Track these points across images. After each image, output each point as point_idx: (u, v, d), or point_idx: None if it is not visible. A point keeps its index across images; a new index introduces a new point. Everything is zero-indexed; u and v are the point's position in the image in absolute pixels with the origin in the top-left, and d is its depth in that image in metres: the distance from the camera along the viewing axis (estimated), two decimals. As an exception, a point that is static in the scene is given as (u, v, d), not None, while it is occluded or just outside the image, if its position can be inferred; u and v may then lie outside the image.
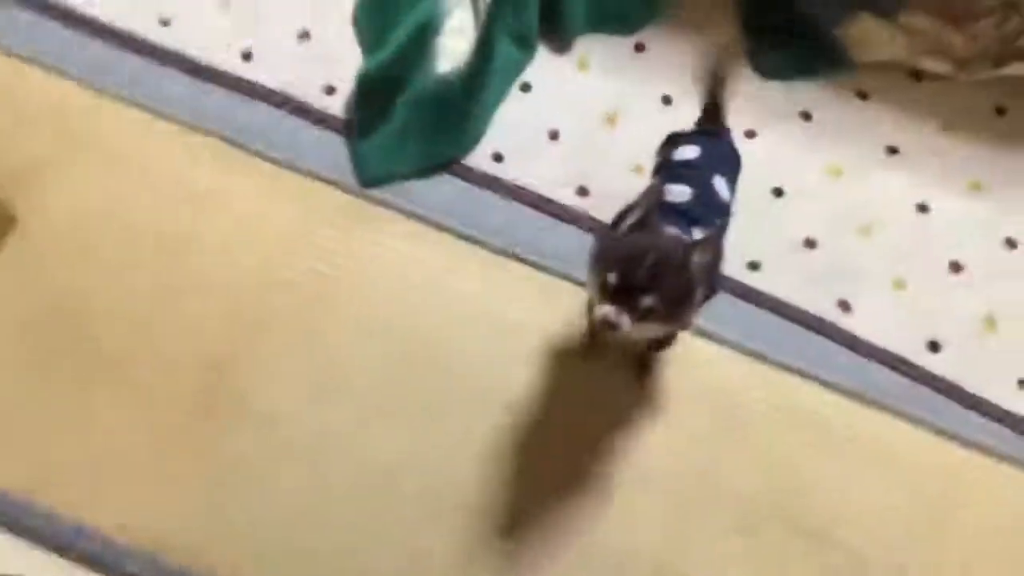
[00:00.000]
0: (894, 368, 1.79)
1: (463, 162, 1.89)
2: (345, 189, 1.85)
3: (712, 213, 1.49)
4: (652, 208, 1.37)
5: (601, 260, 1.37)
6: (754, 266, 1.84)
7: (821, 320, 1.81)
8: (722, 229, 1.49)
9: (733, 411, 1.75)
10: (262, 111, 1.89)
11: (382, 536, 1.62)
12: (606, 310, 1.31)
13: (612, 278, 1.32)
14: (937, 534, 1.69)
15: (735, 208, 1.59)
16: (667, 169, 1.57)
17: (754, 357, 1.78)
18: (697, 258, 1.33)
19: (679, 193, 1.49)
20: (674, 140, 1.62)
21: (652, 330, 1.44)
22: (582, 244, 1.71)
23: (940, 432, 1.75)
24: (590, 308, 1.54)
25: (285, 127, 1.88)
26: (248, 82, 1.91)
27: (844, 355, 1.79)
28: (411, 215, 1.84)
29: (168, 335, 1.73)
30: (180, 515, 1.62)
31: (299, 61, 1.94)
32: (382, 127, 1.86)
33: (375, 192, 1.85)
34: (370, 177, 1.84)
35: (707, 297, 1.48)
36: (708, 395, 1.76)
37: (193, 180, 1.82)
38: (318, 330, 1.75)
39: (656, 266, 1.31)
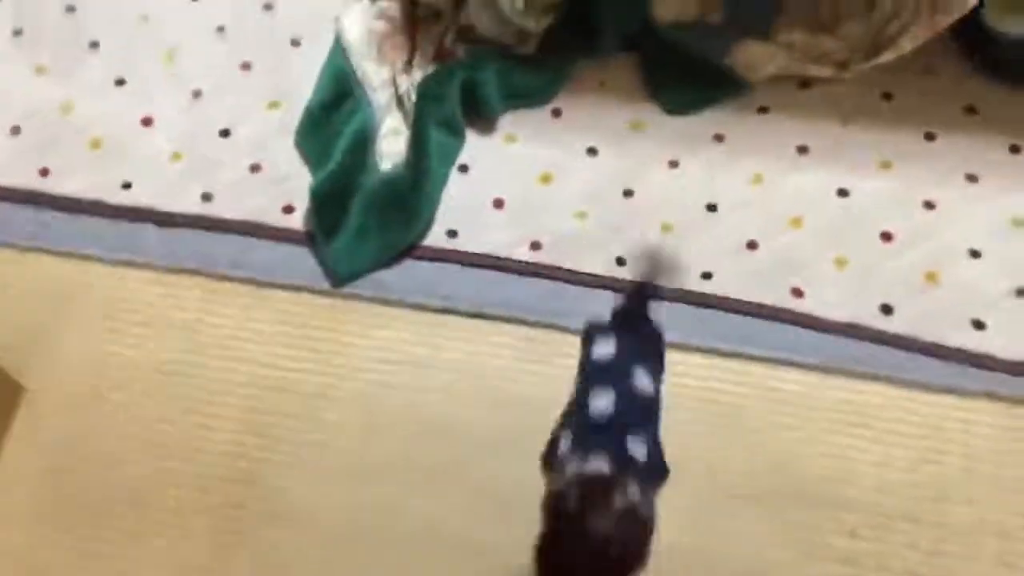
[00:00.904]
0: (855, 336, 1.92)
1: (423, 244, 2.04)
2: (321, 293, 1.98)
3: (638, 409, 1.45)
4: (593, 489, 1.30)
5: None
6: (707, 276, 1.98)
7: (779, 309, 1.95)
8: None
9: (718, 408, 1.87)
10: (230, 241, 2.04)
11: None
12: None
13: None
14: (936, 475, 1.79)
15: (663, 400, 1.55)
16: (587, 370, 1.53)
17: (725, 356, 1.91)
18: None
19: (602, 410, 1.43)
20: (591, 335, 1.56)
21: None
22: (546, 293, 1.95)
23: (911, 385, 1.87)
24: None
25: (254, 250, 2.03)
26: (211, 219, 2.06)
27: (807, 335, 1.92)
28: (386, 302, 1.97)
29: (187, 459, 1.82)
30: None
31: (255, 190, 2.11)
32: (341, 231, 2.01)
33: (349, 290, 1.98)
34: (341, 277, 1.98)
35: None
36: (692, 400, 1.87)
37: (179, 314, 1.96)
38: (328, 423, 1.85)
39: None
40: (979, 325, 1.92)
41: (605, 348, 1.51)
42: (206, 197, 2.09)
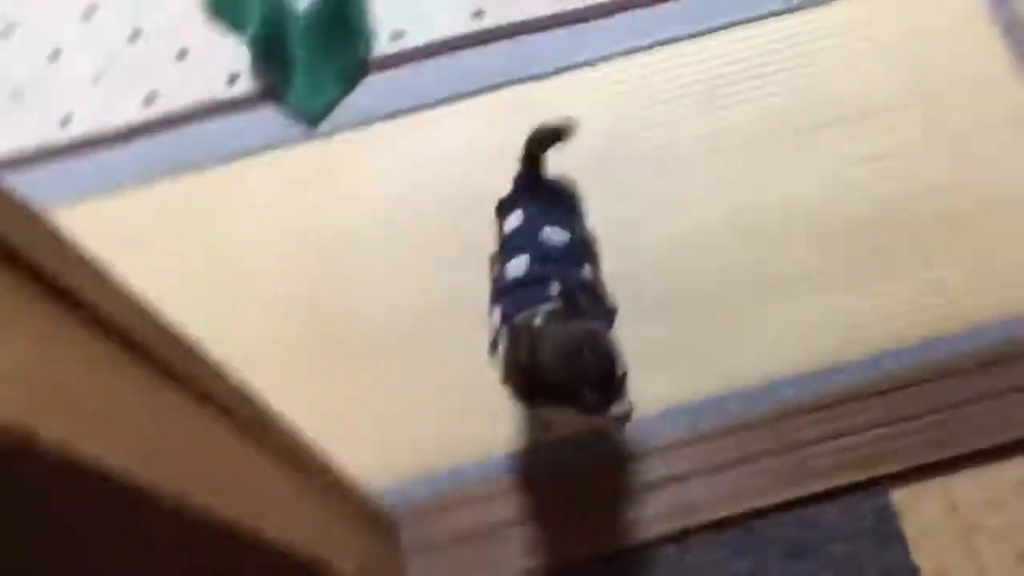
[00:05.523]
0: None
1: (374, 57, 2.04)
2: (305, 139, 1.98)
3: (553, 262, 1.47)
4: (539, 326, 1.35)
5: (562, 388, 1.31)
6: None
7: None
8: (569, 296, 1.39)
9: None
10: (194, 130, 2.01)
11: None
12: (616, 410, 1.28)
13: (592, 394, 1.28)
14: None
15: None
16: (501, 243, 1.57)
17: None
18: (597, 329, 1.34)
19: (516, 267, 1.49)
20: (501, 209, 1.60)
21: None
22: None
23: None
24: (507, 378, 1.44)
25: (220, 129, 2.01)
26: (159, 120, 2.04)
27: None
28: (368, 122, 1.97)
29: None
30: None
31: (191, 74, 2.08)
32: (292, 74, 2.00)
33: (326, 126, 1.98)
34: (312, 117, 1.98)
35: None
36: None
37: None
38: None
39: (596, 347, 1.29)
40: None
41: (514, 219, 1.54)
42: (148, 100, 2.06)
